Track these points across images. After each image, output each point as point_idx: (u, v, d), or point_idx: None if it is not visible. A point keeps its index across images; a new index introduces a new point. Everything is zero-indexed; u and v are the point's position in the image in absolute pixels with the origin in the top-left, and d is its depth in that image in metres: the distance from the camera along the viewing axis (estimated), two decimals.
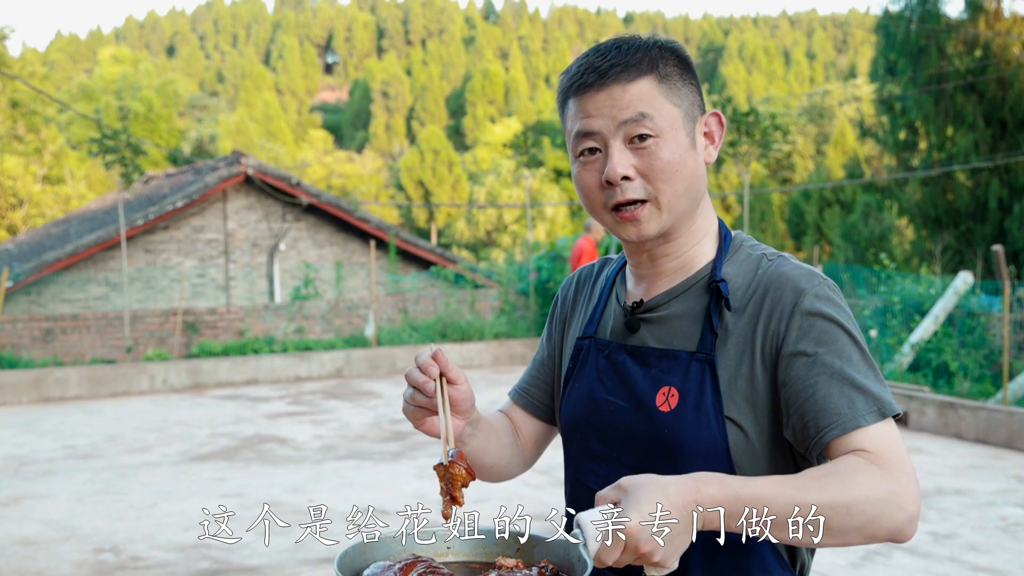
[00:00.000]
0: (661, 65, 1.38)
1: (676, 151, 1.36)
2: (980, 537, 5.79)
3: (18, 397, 11.73)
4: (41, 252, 17.59)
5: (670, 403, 1.38)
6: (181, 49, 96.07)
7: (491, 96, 70.06)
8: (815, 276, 1.36)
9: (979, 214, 21.14)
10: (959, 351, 10.21)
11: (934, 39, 21.74)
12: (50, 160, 34.20)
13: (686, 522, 1.16)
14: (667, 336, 1.43)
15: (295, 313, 15.30)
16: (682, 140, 1.37)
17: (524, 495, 6.70)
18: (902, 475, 1.23)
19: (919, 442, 8.71)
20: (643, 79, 1.36)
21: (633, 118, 1.35)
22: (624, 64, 1.36)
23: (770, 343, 1.34)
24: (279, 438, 9.21)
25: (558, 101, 1.46)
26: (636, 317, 1.46)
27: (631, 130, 1.35)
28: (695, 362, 1.38)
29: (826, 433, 1.27)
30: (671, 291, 1.44)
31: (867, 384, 1.29)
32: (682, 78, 1.40)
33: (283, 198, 18.15)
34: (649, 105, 1.36)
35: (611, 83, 1.36)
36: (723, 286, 1.38)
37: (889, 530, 1.21)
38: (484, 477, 1.64)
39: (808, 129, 43.79)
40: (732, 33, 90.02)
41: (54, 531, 6.14)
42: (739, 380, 1.36)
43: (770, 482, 1.21)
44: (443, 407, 1.39)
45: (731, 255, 1.44)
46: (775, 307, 1.35)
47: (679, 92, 1.39)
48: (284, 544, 5.79)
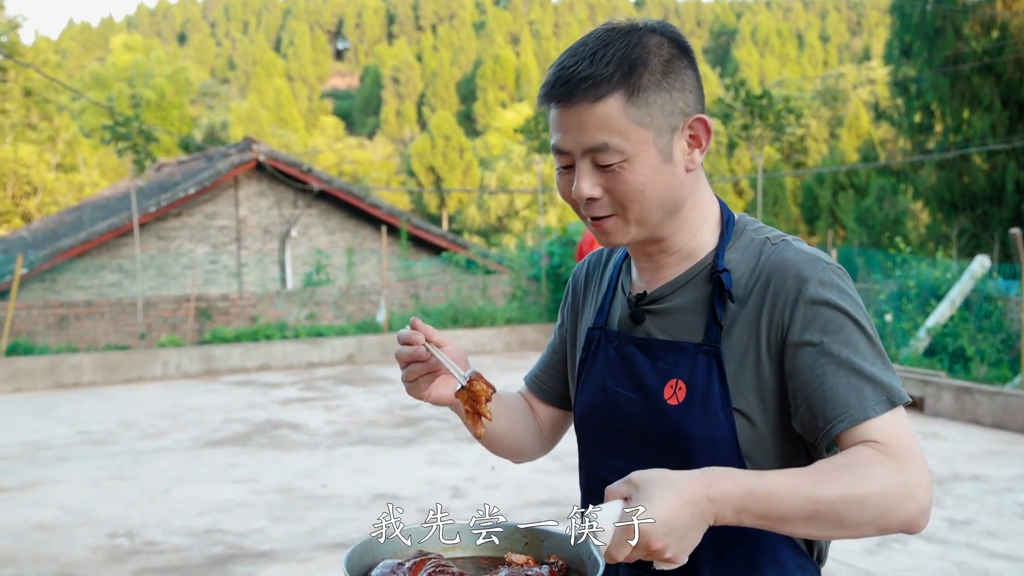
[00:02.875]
0: (635, 76, 1.30)
1: (643, 172, 1.31)
2: (997, 523, 5.75)
3: (33, 383, 11.78)
4: (55, 239, 17.64)
5: (678, 396, 1.36)
6: (192, 36, 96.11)
7: (502, 81, 69.82)
8: (818, 261, 1.32)
9: (996, 197, 20.98)
10: (976, 336, 10.13)
11: (950, 20, 21.54)
12: (63, 148, 34.32)
13: (697, 518, 1.15)
14: (672, 328, 1.41)
15: (307, 299, 15.31)
16: (652, 160, 1.31)
17: (537, 480, 6.68)
18: (914, 466, 1.21)
19: (935, 427, 8.65)
20: (611, 97, 1.29)
21: (597, 146, 1.30)
22: (592, 79, 1.29)
23: (775, 332, 1.31)
24: (291, 424, 9.22)
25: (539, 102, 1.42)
26: (640, 309, 1.44)
27: (596, 156, 1.31)
28: (701, 354, 1.35)
29: (835, 425, 1.25)
30: (674, 282, 1.42)
31: (875, 373, 1.26)
32: (663, 82, 1.31)
33: (294, 185, 18.14)
34: (614, 131, 1.29)
35: (578, 101, 1.30)
36: (725, 277, 1.35)
37: (902, 522, 1.20)
38: (501, 450, 1.60)
39: (822, 112, 43.50)
40: (745, 16, 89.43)
41: (69, 516, 6.16)
42: (746, 371, 1.33)
43: (782, 476, 1.19)
44: (438, 353, 1.41)
45: (734, 241, 1.41)
46: (778, 296, 1.31)
47: (654, 104, 1.31)
48: (297, 530, 5.79)
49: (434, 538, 1.33)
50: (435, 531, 1.33)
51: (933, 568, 4.97)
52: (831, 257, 1.35)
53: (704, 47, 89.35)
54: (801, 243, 1.38)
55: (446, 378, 1.45)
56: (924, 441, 8.05)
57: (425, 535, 1.33)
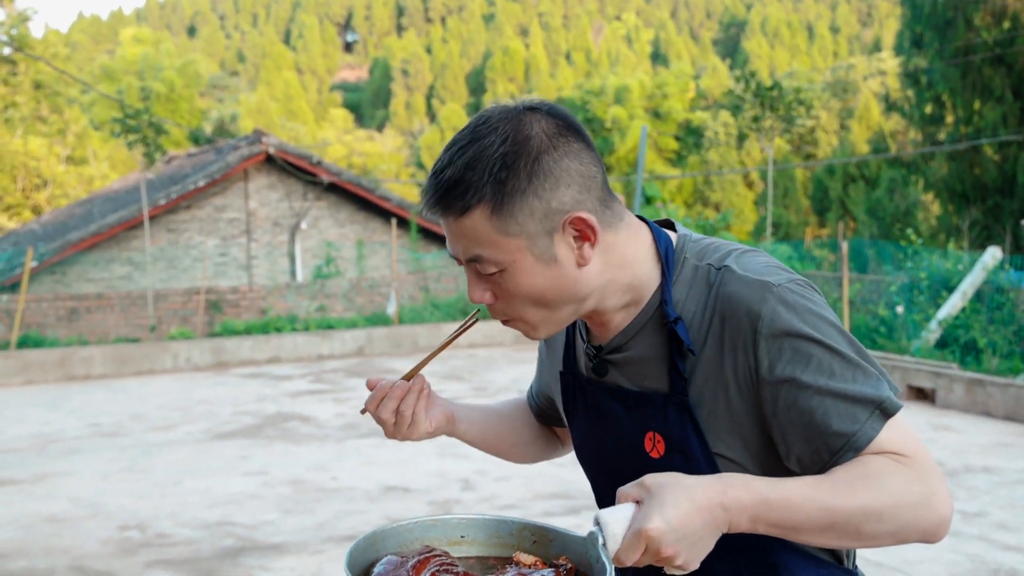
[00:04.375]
0: (498, 184, 1.22)
1: (524, 280, 1.26)
2: (1009, 516, 5.72)
3: (44, 376, 11.82)
4: (65, 232, 17.68)
5: (658, 449, 1.33)
6: (202, 29, 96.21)
7: (511, 73, 69.72)
8: (766, 288, 1.24)
9: (1007, 188, 20.87)
10: (987, 327, 10.08)
11: (961, 11, 21.40)
12: (73, 141, 34.40)
13: (710, 525, 1.13)
14: (637, 377, 1.36)
15: (317, 292, 15.33)
16: (530, 266, 1.26)
17: (546, 473, 6.68)
18: (931, 476, 1.18)
19: (947, 420, 8.61)
20: (476, 210, 1.23)
21: (472, 257, 1.27)
22: (457, 188, 1.23)
23: (743, 375, 1.26)
24: (302, 416, 9.23)
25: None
26: (602, 361, 1.39)
27: (476, 266, 1.28)
28: (671, 406, 1.31)
29: (840, 456, 1.21)
30: (626, 330, 1.35)
31: (860, 391, 1.21)
32: (529, 188, 1.23)
33: (304, 177, 18.15)
34: (483, 244, 1.25)
35: (447, 213, 1.26)
36: (680, 328, 1.29)
37: (922, 532, 1.17)
38: (512, 458, 1.59)
39: (832, 104, 43.31)
40: (755, 7, 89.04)
41: (80, 508, 6.19)
42: (718, 415, 1.28)
43: (799, 484, 1.16)
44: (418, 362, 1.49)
45: (677, 273, 1.33)
46: (736, 338, 1.25)
47: (521, 213, 1.23)
48: (308, 522, 5.80)
49: (441, 533, 1.31)
50: (442, 525, 1.31)
51: (945, 560, 4.95)
52: (782, 271, 1.27)
53: (714, 38, 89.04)
54: (748, 259, 1.30)
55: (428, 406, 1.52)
56: (936, 433, 8.02)
57: (431, 529, 1.31)
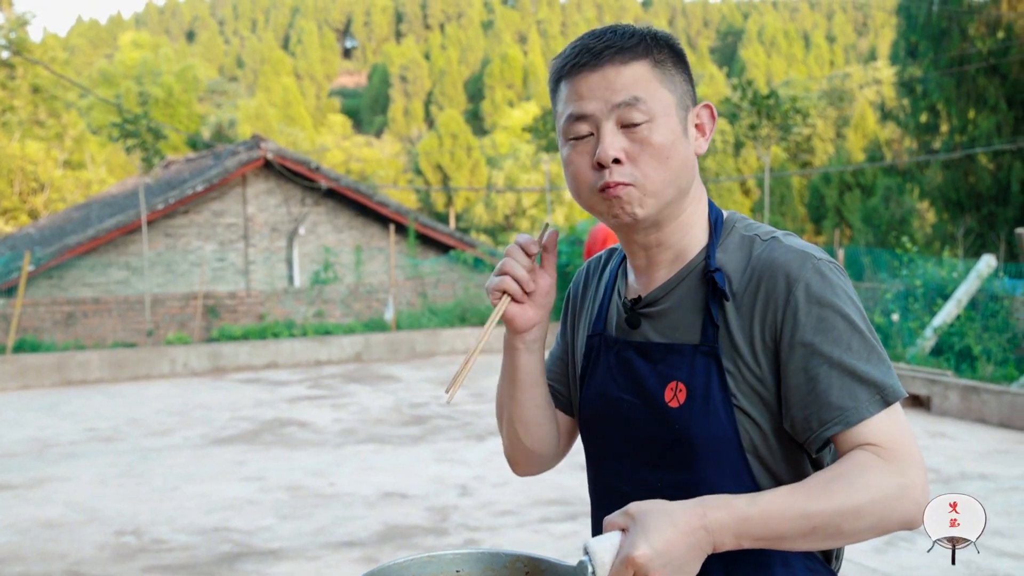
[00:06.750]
0: (656, 51, 1.36)
1: (668, 136, 1.34)
2: (1005, 522, 5.75)
3: (40, 380, 11.82)
4: (62, 236, 17.68)
5: (679, 398, 1.36)
6: (200, 34, 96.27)
7: (510, 80, 69.80)
8: (807, 259, 1.31)
9: (1001, 197, 20.94)
10: (982, 335, 10.12)
11: (956, 21, 21.50)
12: (71, 145, 34.40)
13: (695, 548, 1.17)
14: (668, 330, 1.40)
15: (315, 297, 15.34)
16: (674, 126, 1.35)
17: (544, 479, 6.69)
18: (910, 466, 1.22)
19: (942, 427, 8.65)
20: (638, 62, 1.34)
21: (627, 101, 1.33)
22: (619, 47, 1.34)
23: (768, 333, 1.31)
24: (299, 422, 9.24)
25: (550, 85, 1.44)
26: (636, 313, 1.44)
27: (624, 114, 1.33)
28: (699, 355, 1.35)
29: (829, 427, 1.26)
30: (667, 283, 1.41)
31: (868, 372, 1.26)
32: (676, 67, 1.38)
33: (302, 182, 18.17)
34: (643, 89, 1.33)
35: (606, 64, 1.34)
36: (718, 276, 1.35)
37: (901, 522, 1.22)
38: (528, 442, 1.55)
39: (828, 112, 43.42)
40: (751, 16, 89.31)
41: (77, 513, 6.19)
42: (744, 370, 1.33)
43: (778, 496, 1.20)
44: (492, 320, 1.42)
45: (723, 239, 1.41)
46: (769, 297, 1.31)
47: (673, 79, 1.37)
48: (305, 527, 5.82)
49: (436, 569, 1.33)
50: (437, 561, 1.33)
51: (941, 566, 4.97)
52: (822, 251, 1.35)
53: (711, 47, 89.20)
54: (793, 238, 1.37)
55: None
56: (931, 440, 8.05)
57: (426, 566, 1.33)
